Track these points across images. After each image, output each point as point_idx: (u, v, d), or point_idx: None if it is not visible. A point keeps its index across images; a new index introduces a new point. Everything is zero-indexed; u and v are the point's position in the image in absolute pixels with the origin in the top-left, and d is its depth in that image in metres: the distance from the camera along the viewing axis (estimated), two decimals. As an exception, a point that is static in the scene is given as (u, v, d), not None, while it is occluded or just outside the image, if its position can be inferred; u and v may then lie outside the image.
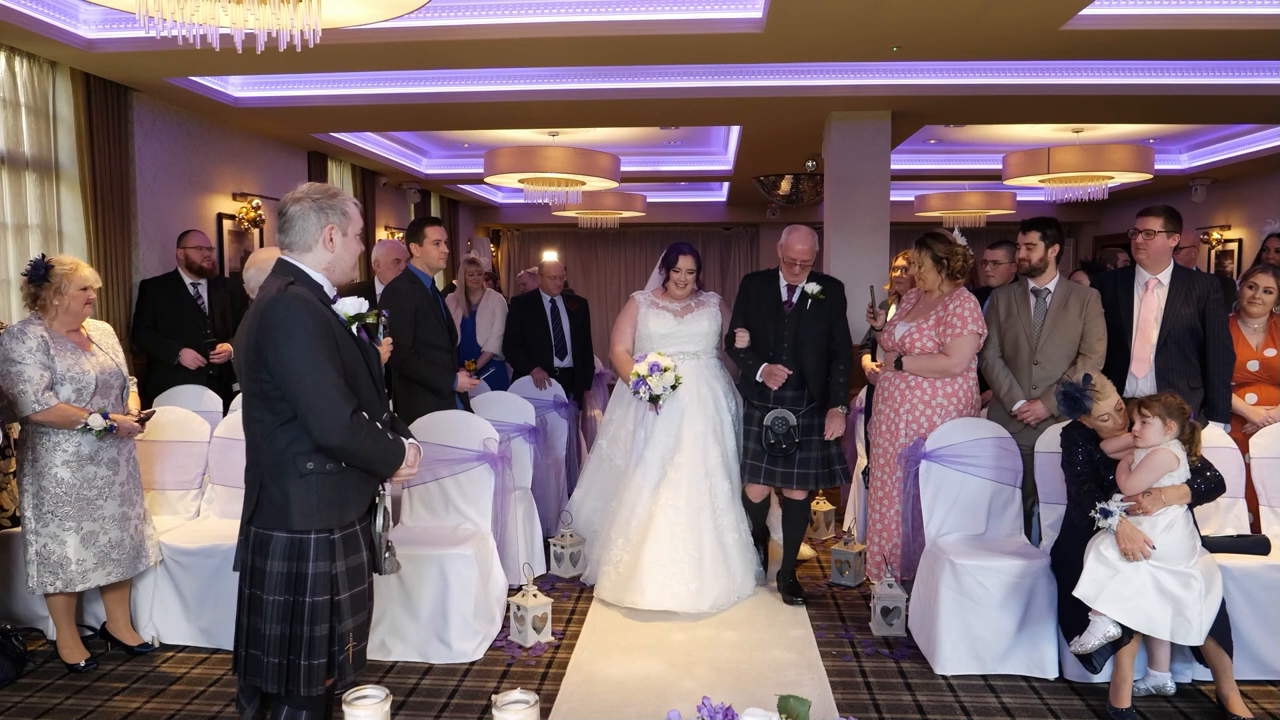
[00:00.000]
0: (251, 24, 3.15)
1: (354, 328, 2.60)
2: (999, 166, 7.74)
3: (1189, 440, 3.34)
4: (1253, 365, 4.40)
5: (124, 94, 5.71)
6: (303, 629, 2.48)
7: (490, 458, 4.27)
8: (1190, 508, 3.34)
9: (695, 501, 4.47)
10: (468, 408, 4.68)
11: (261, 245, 7.37)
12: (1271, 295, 4.39)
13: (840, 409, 4.43)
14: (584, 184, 7.72)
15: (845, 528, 5.33)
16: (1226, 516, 3.91)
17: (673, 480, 4.50)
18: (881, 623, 4.14)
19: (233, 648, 2.60)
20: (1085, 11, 4.49)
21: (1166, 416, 3.27)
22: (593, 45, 4.97)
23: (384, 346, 2.79)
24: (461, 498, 4.28)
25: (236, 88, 6.35)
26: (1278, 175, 8.83)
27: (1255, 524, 4.00)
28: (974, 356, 4.26)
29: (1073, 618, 3.43)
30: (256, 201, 7.34)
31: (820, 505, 5.72)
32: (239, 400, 2.84)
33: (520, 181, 7.56)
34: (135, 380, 4.06)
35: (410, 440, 2.70)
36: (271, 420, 2.48)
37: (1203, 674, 3.51)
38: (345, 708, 2.30)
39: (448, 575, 3.86)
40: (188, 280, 5.65)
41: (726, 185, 11.97)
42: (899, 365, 4.30)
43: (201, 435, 4.44)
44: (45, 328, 3.65)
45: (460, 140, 9.11)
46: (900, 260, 5.44)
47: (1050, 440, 3.93)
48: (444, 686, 3.64)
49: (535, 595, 4.07)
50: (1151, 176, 7.12)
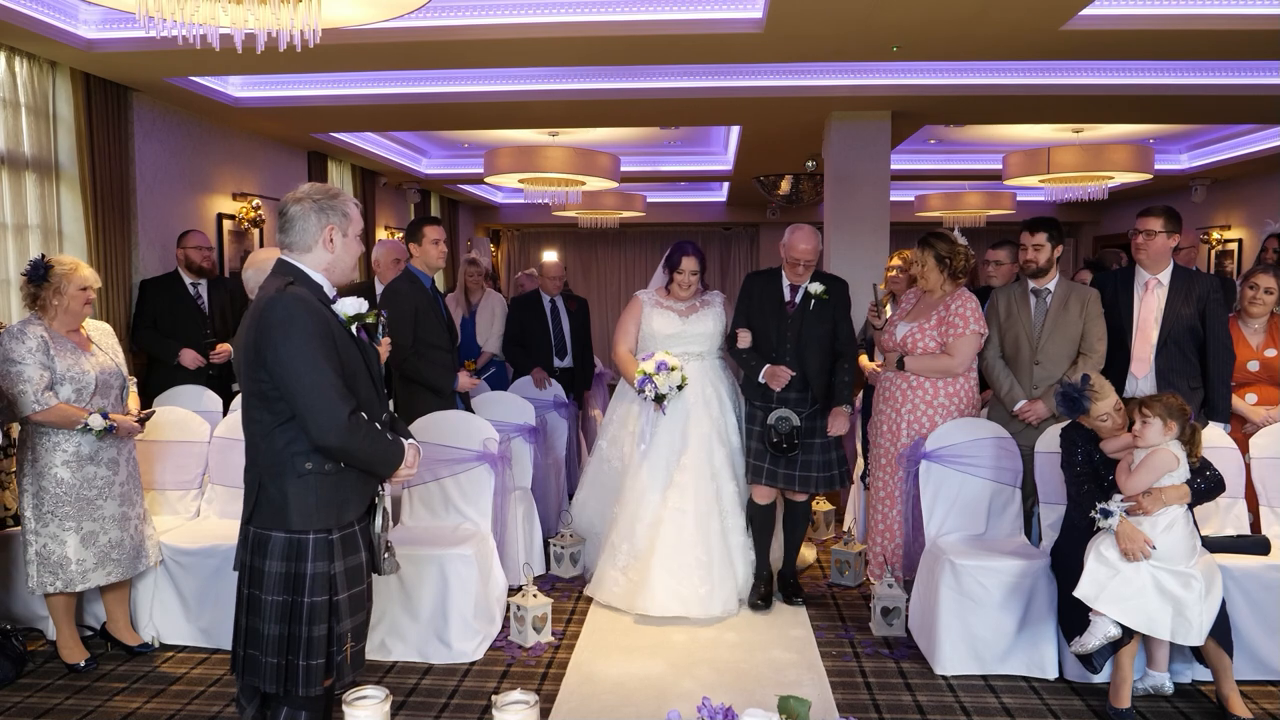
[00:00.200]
0: (251, 24, 3.15)
1: (353, 328, 2.60)
2: (999, 166, 7.73)
3: (1189, 440, 3.34)
4: (1253, 365, 4.40)
5: (124, 94, 5.71)
6: (301, 629, 2.48)
7: (490, 458, 4.27)
8: (1190, 508, 3.34)
9: (703, 505, 4.41)
10: (468, 408, 4.68)
11: (261, 245, 7.36)
12: (1272, 295, 4.39)
13: (845, 407, 4.38)
14: (584, 184, 7.71)
15: (845, 528, 5.33)
16: (1226, 516, 3.91)
17: (679, 483, 4.43)
18: (881, 623, 4.14)
19: (231, 647, 2.60)
20: (1085, 11, 4.48)
21: (1167, 417, 3.27)
22: (593, 45, 4.97)
23: (383, 347, 2.79)
24: (461, 498, 4.28)
25: (236, 88, 6.34)
26: (1278, 175, 8.83)
27: (1255, 524, 4.00)
28: (975, 356, 4.26)
29: (1073, 618, 3.43)
30: (256, 201, 7.34)
31: (820, 505, 5.72)
32: (239, 400, 2.83)
33: (520, 181, 7.56)
34: (135, 380, 4.06)
35: (410, 440, 2.70)
36: (270, 420, 2.48)
37: (1203, 674, 3.51)
38: (345, 708, 2.30)
39: (448, 575, 3.86)
40: (188, 280, 5.65)
41: (726, 185, 11.96)
42: (901, 365, 4.29)
43: (201, 435, 4.45)
44: (45, 328, 3.65)
45: (460, 140, 9.11)
46: (896, 260, 5.41)
47: (1050, 440, 3.93)
48: (444, 687, 3.64)
49: (535, 595, 4.07)
50: (1151, 176, 7.12)
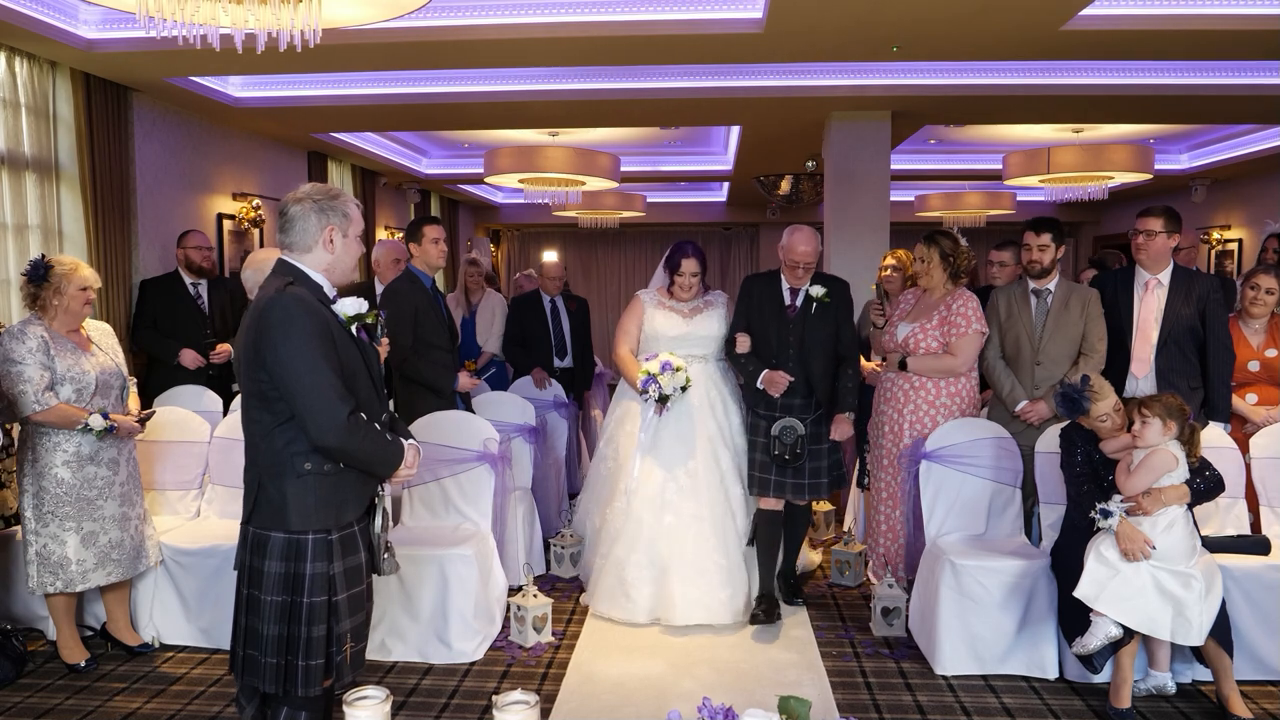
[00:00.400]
0: (251, 24, 3.15)
1: (353, 328, 2.60)
2: (999, 166, 7.73)
3: (1188, 440, 3.34)
4: (1253, 366, 4.40)
5: (124, 94, 5.70)
6: (300, 630, 2.48)
7: (490, 458, 4.26)
8: (1190, 508, 3.34)
9: (718, 509, 4.31)
10: (469, 408, 4.68)
11: (261, 245, 7.36)
12: (1273, 296, 4.39)
13: (848, 414, 4.29)
14: (584, 184, 7.71)
15: (845, 528, 5.33)
16: (1226, 516, 3.91)
17: (691, 488, 4.31)
18: (882, 623, 4.14)
19: (230, 648, 2.60)
20: (1085, 11, 4.48)
21: (1166, 417, 3.27)
22: (593, 45, 4.97)
23: (381, 347, 2.79)
24: (461, 498, 4.28)
25: (236, 88, 6.34)
26: (1278, 175, 8.82)
27: (1255, 524, 4.00)
28: (978, 355, 4.25)
29: (1073, 618, 3.43)
30: (256, 201, 7.34)
31: (820, 505, 5.71)
32: (239, 400, 2.83)
33: (520, 181, 7.56)
34: (135, 380, 4.06)
35: (410, 441, 2.70)
36: (269, 420, 2.48)
37: (1203, 674, 3.51)
38: (346, 708, 2.29)
39: (448, 575, 3.86)
40: (188, 280, 5.65)
41: (726, 185, 11.96)
42: (903, 366, 4.27)
43: (201, 435, 4.45)
44: (45, 328, 3.65)
45: (460, 140, 9.11)
46: (889, 260, 5.35)
47: (1050, 440, 3.93)
48: (444, 687, 3.64)
49: (535, 595, 4.07)
50: (1151, 176, 7.12)
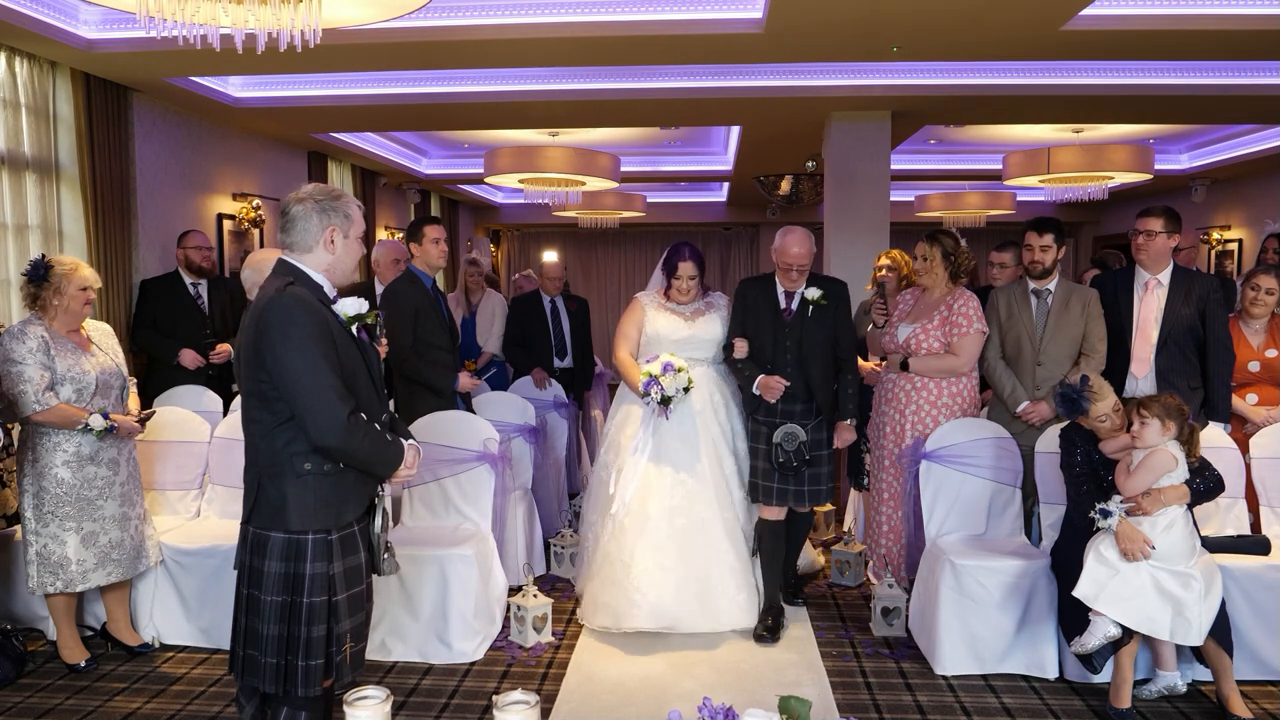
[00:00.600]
0: (252, 24, 3.15)
1: (353, 328, 2.60)
2: (999, 166, 7.73)
3: (1187, 440, 3.34)
4: (1254, 366, 4.40)
5: (124, 94, 5.70)
6: (300, 630, 2.48)
7: (490, 458, 4.26)
8: (1190, 508, 3.34)
9: (726, 512, 4.23)
10: (469, 408, 4.67)
11: (262, 245, 7.37)
12: (1273, 296, 4.39)
13: (850, 421, 4.22)
14: (584, 184, 7.71)
15: (845, 528, 5.33)
16: (1226, 516, 3.91)
17: (699, 491, 4.19)
18: (882, 623, 4.14)
19: (230, 647, 2.60)
20: (1085, 11, 4.48)
21: (1165, 417, 3.27)
22: (593, 45, 4.97)
23: (380, 348, 2.79)
24: (461, 498, 4.28)
25: (236, 88, 6.34)
26: (1278, 175, 8.83)
27: (1255, 524, 4.00)
28: (979, 355, 4.25)
29: (1073, 618, 3.43)
30: (256, 202, 7.34)
31: (821, 506, 5.70)
32: (239, 400, 2.84)
33: (520, 182, 7.56)
34: (135, 380, 4.07)
35: (410, 441, 2.70)
36: (269, 420, 2.48)
37: (1203, 674, 3.50)
38: (346, 708, 2.30)
39: (448, 575, 3.86)
40: (188, 280, 5.65)
41: (726, 185, 11.96)
42: (905, 367, 4.26)
43: (201, 435, 4.45)
44: (45, 328, 3.65)
45: (460, 140, 9.11)
46: (884, 259, 5.34)
47: (1050, 441, 3.93)
48: (444, 687, 3.64)
49: (535, 595, 4.07)
50: (1151, 176, 7.12)
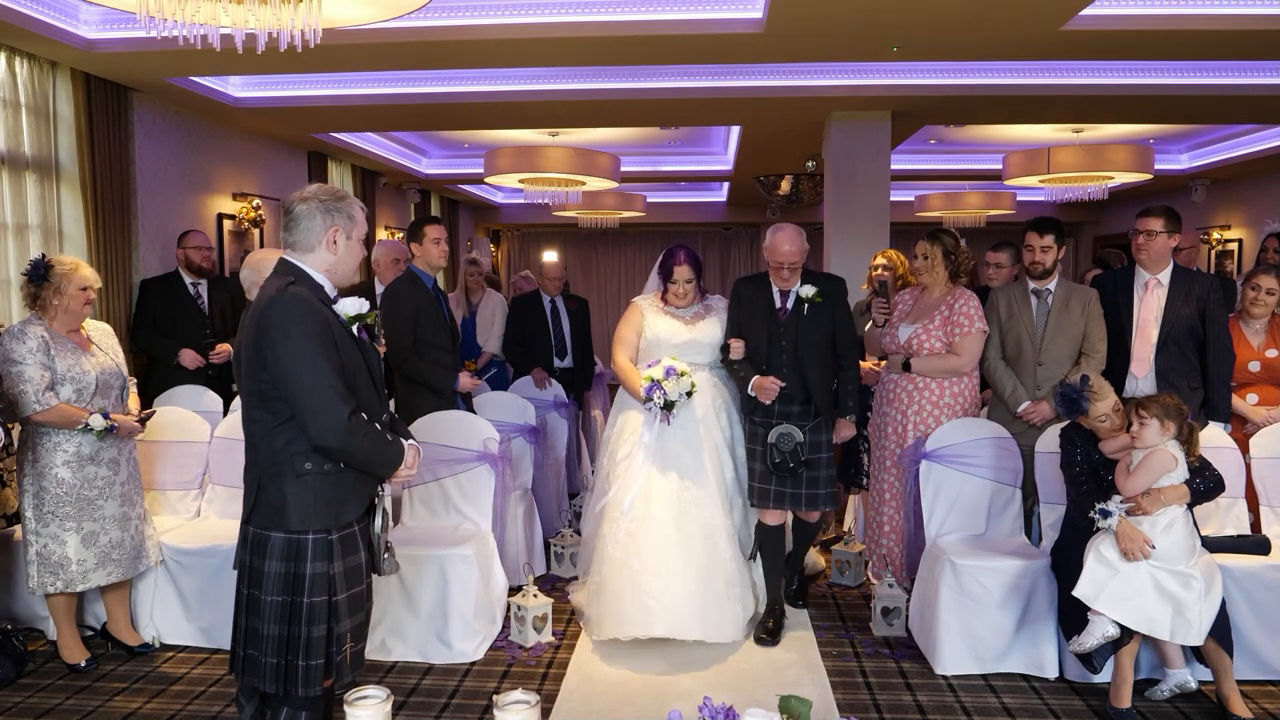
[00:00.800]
0: (252, 24, 3.15)
1: (354, 328, 2.60)
2: (999, 166, 7.74)
3: (1187, 440, 3.34)
4: (1254, 366, 4.40)
5: (124, 94, 5.70)
6: (300, 629, 2.48)
7: (490, 458, 4.26)
8: (1190, 508, 3.34)
9: (728, 519, 4.14)
10: (470, 408, 4.67)
11: (261, 245, 7.37)
12: (1274, 296, 4.39)
13: (849, 418, 4.17)
14: (584, 184, 7.72)
15: (845, 528, 5.33)
16: (1226, 516, 3.91)
17: (705, 499, 4.06)
18: (882, 623, 4.14)
19: (230, 647, 2.60)
20: (1085, 11, 4.48)
21: (1164, 417, 3.27)
22: (593, 45, 4.97)
23: (379, 348, 2.79)
24: (462, 498, 4.28)
25: (236, 88, 6.35)
26: (1278, 175, 8.83)
27: (1255, 524, 4.00)
28: (980, 354, 4.24)
29: (1073, 618, 3.43)
30: (256, 201, 7.34)
31: (826, 509, 5.67)
32: (239, 400, 2.84)
33: (520, 181, 7.56)
34: (135, 380, 4.07)
35: (410, 441, 2.70)
36: (270, 420, 2.48)
37: (1203, 674, 3.49)
38: (346, 708, 2.29)
39: (448, 575, 3.86)
40: (188, 280, 5.66)
41: (726, 185, 11.96)
42: (907, 367, 4.25)
43: (201, 435, 4.45)
44: (45, 328, 3.65)
45: (460, 140, 9.11)
46: (880, 259, 5.33)
47: (1050, 440, 3.93)
48: (444, 687, 3.64)
49: (535, 595, 4.07)
50: (1151, 176, 7.13)
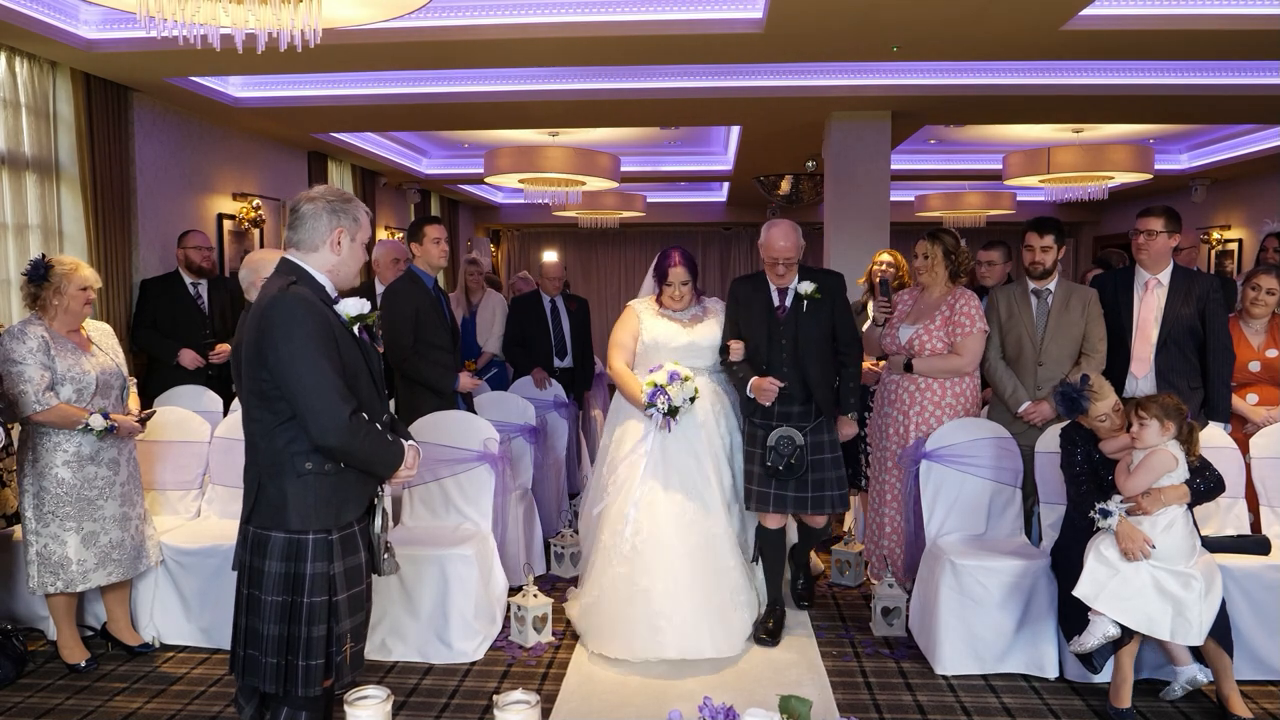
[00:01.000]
0: (252, 24, 3.15)
1: (355, 328, 2.60)
2: (999, 166, 7.74)
3: (1187, 440, 3.34)
4: (1254, 366, 4.40)
5: (124, 94, 5.70)
6: (300, 629, 2.48)
7: (490, 458, 4.26)
8: (1190, 507, 3.34)
9: (735, 524, 4.11)
10: (470, 408, 4.67)
11: (262, 245, 7.37)
12: (1274, 296, 4.39)
13: (851, 415, 4.14)
14: (584, 184, 7.72)
15: (845, 528, 5.32)
16: (1226, 516, 3.91)
17: (709, 507, 4.00)
18: (882, 623, 4.14)
19: (230, 647, 2.60)
20: (1085, 11, 4.49)
21: (1164, 417, 3.27)
22: (593, 45, 4.97)
23: (377, 347, 2.79)
24: (462, 498, 4.28)
25: (236, 88, 6.35)
26: (1278, 175, 8.83)
27: (1255, 524, 4.00)
28: (981, 354, 4.24)
29: (1073, 618, 3.43)
30: (257, 201, 7.34)
31: (835, 512, 5.64)
32: (239, 400, 2.84)
33: (520, 181, 7.56)
34: (135, 380, 4.07)
35: (410, 442, 2.70)
36: (270, 420, 2.48)
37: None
38: (347, 708, 2.30)
39: (448, 575, 3.86)
40: (188, 280, 5.66)
41: (726, 185, 11.96)
42: (909, 368, 4.24)
43: (202, 435, 4.45)
44: (45, 328, 3.65)
45: (460, 140, 9.11)
46: (884, 256, 5.29)
47: (1050, 440, 3.93)
48: (444, 687, 3.64)
49: (536, 595, 4.07)
50: (1151, 176, 7.13)
